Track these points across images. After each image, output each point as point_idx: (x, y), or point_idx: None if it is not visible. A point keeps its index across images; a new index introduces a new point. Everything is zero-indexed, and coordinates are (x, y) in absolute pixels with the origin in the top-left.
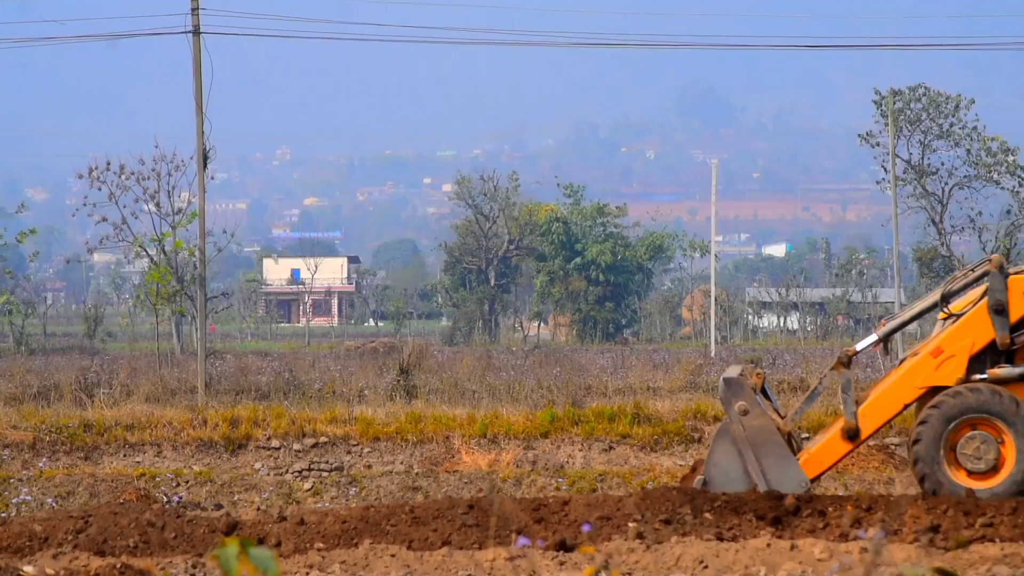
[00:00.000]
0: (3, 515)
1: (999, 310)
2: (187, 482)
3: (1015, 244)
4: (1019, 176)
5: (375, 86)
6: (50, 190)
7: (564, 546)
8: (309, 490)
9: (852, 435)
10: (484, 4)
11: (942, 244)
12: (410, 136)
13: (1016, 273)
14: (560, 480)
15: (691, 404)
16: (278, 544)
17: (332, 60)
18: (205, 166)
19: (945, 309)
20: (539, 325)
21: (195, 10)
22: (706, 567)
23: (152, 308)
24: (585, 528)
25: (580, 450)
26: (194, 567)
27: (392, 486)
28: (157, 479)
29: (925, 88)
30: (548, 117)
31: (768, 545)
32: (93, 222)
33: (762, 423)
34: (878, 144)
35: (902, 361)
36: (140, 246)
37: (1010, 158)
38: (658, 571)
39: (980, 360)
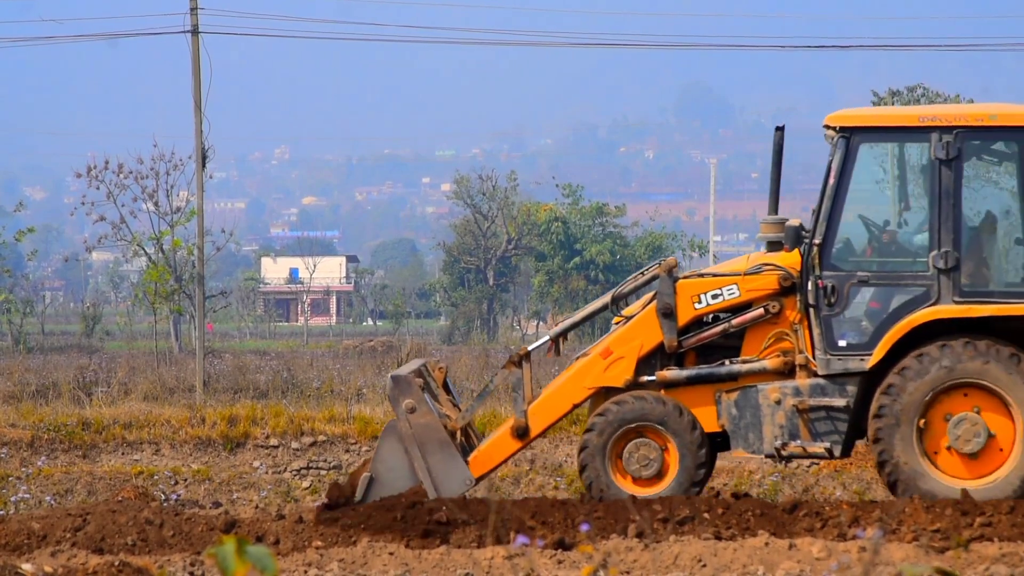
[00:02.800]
0: (1, 513)
1: (667, 313)
2: (185, 480)
3: None
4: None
5: (374, 86)
6: (48, 189)
7: (563, 545)
8: (307, 488)
9: (521, 433)
10: (483, 4)
11: None
12: (408, 136)
13: (685, 277)
14: (559, 479)
15: None
16: (276, 542)
17: (331, 60)
18: (204, 165)
19: (616, 312)
20: (537, 324)
21: (194, 10)
22: (704, 566)
23: (150, 307)
24: (584, 527)
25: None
26: (192, 565)
27: None
28: (155, 477)
29: (924, 88)
30: (546, 117)
31: (766, 544)
32: (91, 221)
33: (428, 421)
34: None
35: (575, 360)
36: (138, 245)
37: None
38: (656, 570)
39: (649, 362)
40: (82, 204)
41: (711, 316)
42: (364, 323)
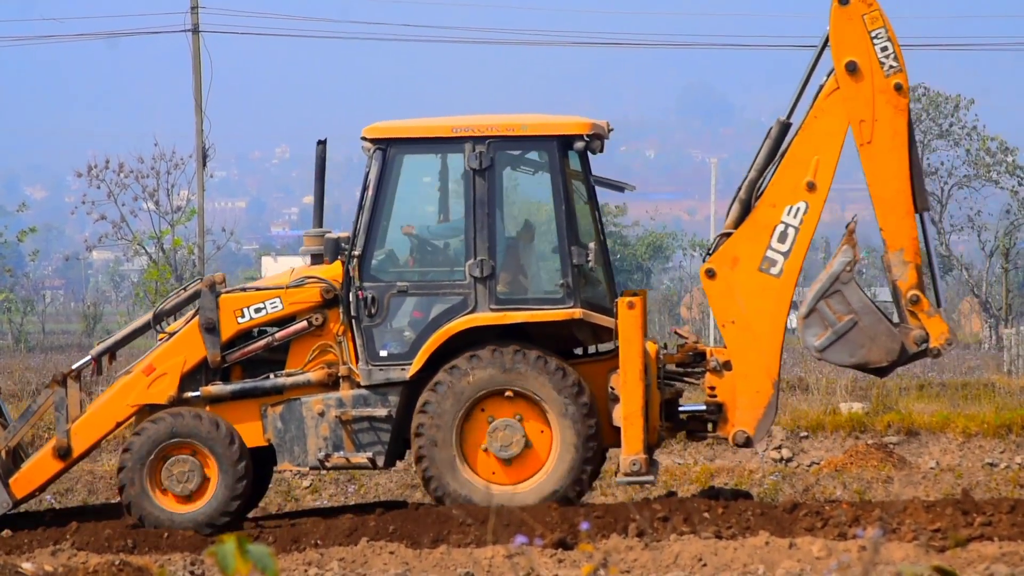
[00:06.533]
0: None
1: (210, 328)
2: None
3: (1015, 244)
4: (1019, 176)
5: (374, 85)
6: (49, 188)
7: (563, 544)
8: (308, 488)
9: (63, 453)
10: (484, 3)
11: (941, 244)
12: None
13: (228, 292)
14: None
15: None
16: (276, 541)
17: (331, 59)
18: (204, 164)
19: (159, 328)
20: None
21: (194, 9)
22: (705, 565)
23: (151, 306)
24: (584, 526)
25: None
26: (192, 564)
27: (391, 484)
28: None
29: (925, 88)
30: None
31: (767, 543)
32: (92, 220)
33: None
34: None
35: (119, 377)
36: (139, 244)
37: (1009, 158)
38: (656, 569)
39: (194, 378)
40: (83, 203)
41: (257, 330)
42: None
